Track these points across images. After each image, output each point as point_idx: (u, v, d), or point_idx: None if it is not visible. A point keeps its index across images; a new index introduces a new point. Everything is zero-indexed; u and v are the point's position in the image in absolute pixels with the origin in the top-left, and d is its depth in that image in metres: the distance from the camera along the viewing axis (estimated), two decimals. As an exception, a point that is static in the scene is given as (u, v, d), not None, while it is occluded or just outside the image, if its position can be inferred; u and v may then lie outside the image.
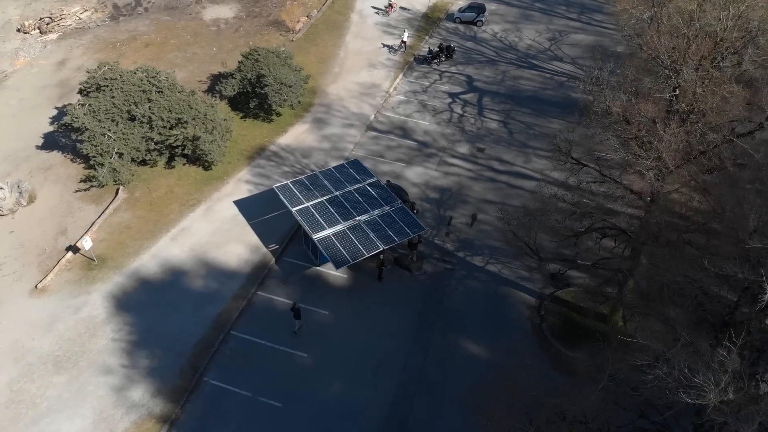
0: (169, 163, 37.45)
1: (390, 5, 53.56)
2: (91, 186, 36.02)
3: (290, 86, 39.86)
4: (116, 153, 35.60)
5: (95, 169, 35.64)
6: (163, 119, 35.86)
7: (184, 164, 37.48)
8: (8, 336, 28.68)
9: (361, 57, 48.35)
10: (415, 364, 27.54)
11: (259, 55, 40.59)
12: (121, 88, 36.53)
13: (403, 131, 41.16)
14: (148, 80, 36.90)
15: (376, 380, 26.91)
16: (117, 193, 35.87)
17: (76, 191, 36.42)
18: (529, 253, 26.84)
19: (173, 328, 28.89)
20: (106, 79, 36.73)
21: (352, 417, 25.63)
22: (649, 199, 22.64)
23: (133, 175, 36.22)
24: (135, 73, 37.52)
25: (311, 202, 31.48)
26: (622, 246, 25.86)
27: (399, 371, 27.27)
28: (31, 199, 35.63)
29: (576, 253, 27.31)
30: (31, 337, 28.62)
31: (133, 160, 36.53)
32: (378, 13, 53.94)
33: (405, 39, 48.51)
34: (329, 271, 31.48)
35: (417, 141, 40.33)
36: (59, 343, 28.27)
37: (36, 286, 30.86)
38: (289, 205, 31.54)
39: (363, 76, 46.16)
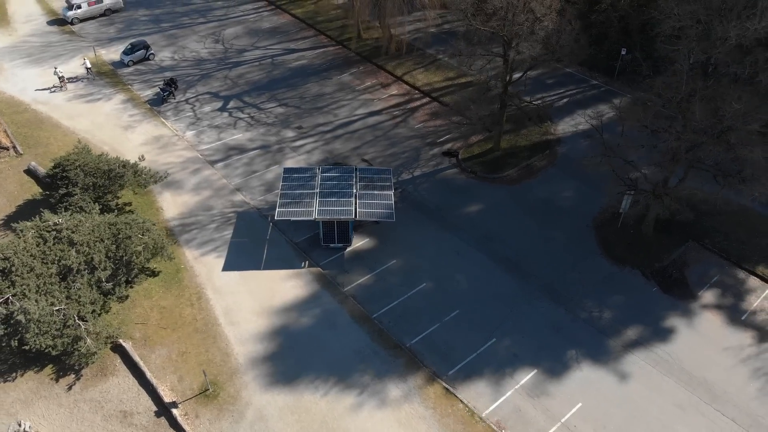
0: (124, 292, 33.14)
1: (61, 80, 50.27)
2: (82, 369, 30.05)
3: (134, 162, 38.46)
4: (78, 320, 30.21)
5: (63, 356, 29.81)
6: (102, 251, 31.63)
7: (143, 282, 34.00)
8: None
9: (107, 127, 46.55)
10: (470, 236, 37.84)
11: (75, 160, 37.00)
12: (32, 255, 29.98)
13: (237, 149, 44.88)
14: (49, 231, 31.00)
15: (469, 257, 36.43)
16: (120, 347, 30.95)
17: (70, 387, 29.65)
18: (477, 124, 40.73)
19: (341, 351, 31.20)
20: (6, 259, 29.32)
21: (496, 277, 34.99)
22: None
23: (109, 326, 31.45)
24: (23, 234, 30.72)
25: (316, 205, 35.74)
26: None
27: (469, 244, 37.37)
28: None
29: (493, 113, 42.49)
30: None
31: (93, 312, 31.37)
32: (55, 91, 50.15)
33: (88, 66, 51.87)
34: (360, 243, 37.19)
35: (257, 148, 45.04)
36: (296, 440, 27.70)
37: (199, 450, 27.29)
38: (307, 217, 35.14)
39: (136, 138, 45.53)
